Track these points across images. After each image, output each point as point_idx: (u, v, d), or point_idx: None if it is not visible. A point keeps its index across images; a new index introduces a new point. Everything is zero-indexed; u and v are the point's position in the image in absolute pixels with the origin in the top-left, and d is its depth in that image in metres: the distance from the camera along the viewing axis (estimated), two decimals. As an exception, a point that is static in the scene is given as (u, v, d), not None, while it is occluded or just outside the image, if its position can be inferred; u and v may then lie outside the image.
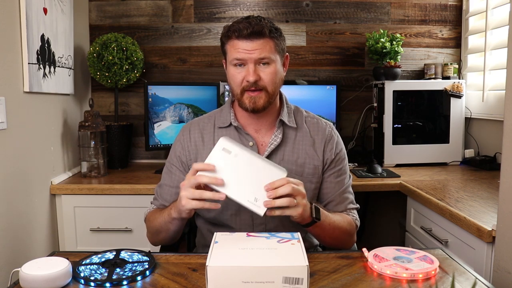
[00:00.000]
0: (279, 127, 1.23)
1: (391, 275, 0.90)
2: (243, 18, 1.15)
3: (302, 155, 1.22)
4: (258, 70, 1.14)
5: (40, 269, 0.85)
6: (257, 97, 1.15)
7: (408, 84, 2.19)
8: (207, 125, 1.27)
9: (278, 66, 1.17)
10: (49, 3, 1.77)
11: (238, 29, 1.11)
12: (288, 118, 1.24)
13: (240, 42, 1.12)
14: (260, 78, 1.14)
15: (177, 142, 1.28)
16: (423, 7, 2.38)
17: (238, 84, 1.16)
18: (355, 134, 2.38)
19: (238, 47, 1.13)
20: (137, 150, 2.40)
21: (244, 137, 1.22)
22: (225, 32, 1.16)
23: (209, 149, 1.21)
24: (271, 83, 1.15)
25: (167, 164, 1.29)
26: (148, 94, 2.06)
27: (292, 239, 0.85)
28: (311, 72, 2.39)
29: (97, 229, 1.83)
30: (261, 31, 1.11)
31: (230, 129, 1.24)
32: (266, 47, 1.13)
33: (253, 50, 1.12)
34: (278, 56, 1.17)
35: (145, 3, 2.33)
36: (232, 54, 1.14)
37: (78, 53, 2.13)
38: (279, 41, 1.16)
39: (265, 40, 1.12)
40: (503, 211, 1.10)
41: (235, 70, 1.15)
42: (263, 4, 2.35)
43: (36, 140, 1.70)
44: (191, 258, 1.01)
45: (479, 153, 2.19)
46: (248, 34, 1.11)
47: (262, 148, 1.22)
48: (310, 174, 1.22)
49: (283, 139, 1.22)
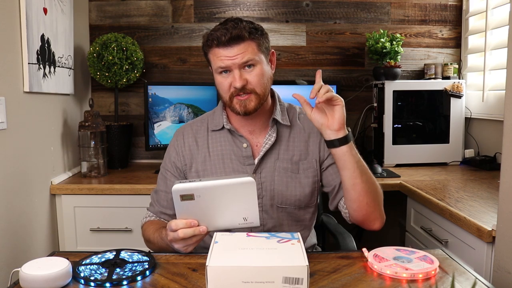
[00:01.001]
0: (273, 126, 1.22)
1: (391, 275, 0.90)
2: (221, 23, 1.13)
3: (297, 153, 1.22)
4: (244, 74, 1.12)
5: (40, 269, 0.85)
6: (247, 101, 1.13)
7: (408, 84, 2.19)
8: (200, 129, 1.26)
9: (264, 66, 1.15)
10: (49, 3, 1.77)
11: (216, 37, 1.10)
12: (281, 117, 1.23)
13: (221, 50, 1.11)
14: (247, 81, 1.12)
15: (171, 147, 1.27)
16: (423, 7, 2.38)
17: (225, 91, 1.14)
18: (355, 134, 2.38)
19: (220, 55, 1.11)
20: (137, 150, 2.40)
21: (238, 139, 1.21)
22: (205, 42, 1.15)
23: (203, 153, 1.22)
24: (259, 85, 1.13)
25: (162, 170, 1.28)
26: (148, 94, 2.06)
27: (292, 239, 0.85)
28: (311, 72, 2.39)
29: (97, 229, 1.83)
30: (239, 35, 1.09)
31: (224, 132, 1.23)
32: (248, 49, 1.10)
33: (235, 56, 1.10)
34: (263, 56, 1.15)
35: (145, 3, 2.33)
36: (215, 62, 1.13)
37: (78, 53, 2.13)
38: (261, 41, 1.14)
39: (246, 43, 1.10)
40: (503, 211, 1.10)
41: (221, 77, 1.14)
42: (263, 4, 2.35)
43: (36, 140, 1.70)
44: (191, 258, 1.01)
45: (479, 153, 2.19)
46: (227, 40, 1.09)
47: (256, 149, 1.22)
48: (305, 169, 1.22)
49: (277, 137, 1.21)
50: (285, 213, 1.21)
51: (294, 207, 1.21)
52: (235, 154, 1.20)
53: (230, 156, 1.20)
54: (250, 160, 1.20)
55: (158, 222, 1.22)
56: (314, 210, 1.26)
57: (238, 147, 1.21)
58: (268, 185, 1.19)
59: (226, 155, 1.21)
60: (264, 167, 1.20)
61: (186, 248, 1.00)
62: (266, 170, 1.20)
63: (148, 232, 1.18)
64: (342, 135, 1.08)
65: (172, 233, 0.97)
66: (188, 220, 0.96)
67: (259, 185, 1.19)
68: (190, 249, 1.01)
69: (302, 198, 1.21)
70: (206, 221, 0.96)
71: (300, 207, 1.22)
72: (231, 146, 1.21)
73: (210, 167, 1.21)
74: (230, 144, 1.21)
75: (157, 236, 1.12)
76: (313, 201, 1.23)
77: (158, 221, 1.24)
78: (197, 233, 0.96)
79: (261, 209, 1.19)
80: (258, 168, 1.19)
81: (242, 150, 1.20)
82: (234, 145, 1.21)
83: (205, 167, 1.21)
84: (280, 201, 1.19)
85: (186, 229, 0.96)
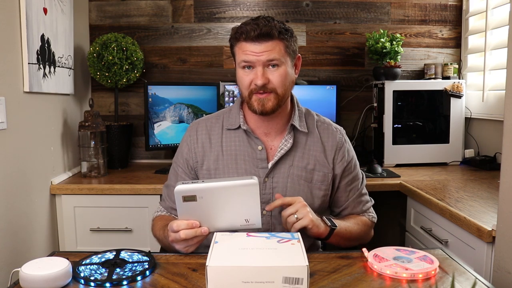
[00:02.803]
0: (290, 132, 1.20)
1: (391, 275, 0.90)
2: (252, 19, 1.12)
3: (312, 161, 1.20)
4: (266, 72, 1.11)
5: (40, 269, 0.85)
6: (266, 99, 1.12)
7: (408, 84, 2.19)
8: (215, 126, 1.24)
9: (288, 68, 1.14)
10: (49, 3, 1.77)
11: (245, 31, 1.09)
12: (299, 123, 1.21)
13: (248, 44, 1.10)
14: (269, 81, 1.11)
15: (184, 143, 1.25)
16: (423, 7, 2.38)
17: (246, 87, 1.13)
18: (355, 134, 2.38)
19: (246, 50, 1.10)
20: (137, 150, 2.40)
21: (253, 141, 1.20)
22: (233, 34, 1.14)
23: (216, 151, 1.20)
24: (280, 86, 1.12)
25: (174, 164, 1.27)
26: (148, 94, 2.06)
27: (292, 239, 0.85)
28: (311, 72, 2.39)
29: (97, 229, 1.83)
30: (269, 33, 1.09)
31: (239, 131, 1.21)
32: (275, 49, 1.10)
33: (261, 53, 1.09)
34: (289, 58, 1.14)
35: (145, 3, 2.33)
36: (240, 56, 1.12)
37: (78, 53, 2.13)
38: (289, 43, 1.13)
39: (274, 42, 1.10)
40: (503, 211, 1.10)
41: (243, 72, 1.13)
42: (263, 4, 2.35)
43: (36, 140, 1.70)
44: (191, 258, 1.01)
45: (479, 153, 2.18)
46: (256, 36, 1.08)
47: (271, 152, 1.20)
48: (319, 181, 1.21)
49: (294, 143, 1.20)
50: None
51: None
52: (249, 155, 1.19)
53: (244, 157, 1.19)
54: (263, 164, 1.18)
55: (167, 218, 1.21)
56: None
57: (253, 149, 1.19)
58: (279, 191, 1.17)
59: (240, 156, 1.19)
60: (277, 172, 1.18)
61: (187, 249, 1.00)
62: (279, 175, 1.18)
63: (155, 229, 1.18)
64: (325, 235, 1.11)
65: (174, 234, 0.97)
66: (190, 221, 0.96)
67: (270, 189, 1.18)
68: (191, 249, 1.01)
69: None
70: (208, 222, 0.96)
71: None
72: (246, 147, 1.19)
73: (222, 166, 1.19)
74: (244, 145, 1.20)
75: (161, 233, 1.12)
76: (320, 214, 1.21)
77: (167, 216, 1.23)
78: (199, 234, 0.96)
79: (270, 214, 1.18)
80: (271, 172, 1.18)
81: (256, 152, 1.19)
82: (249, 146, 1.19)
83: (217, 165, 1.20)
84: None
85: (187, 230, 0.95)
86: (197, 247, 1.01)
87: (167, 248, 1.12)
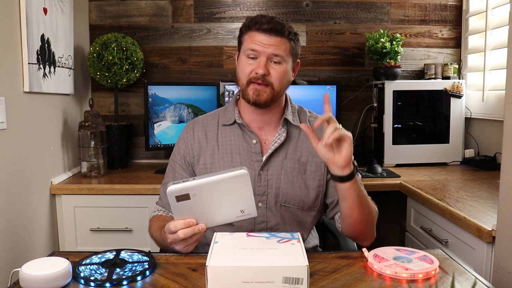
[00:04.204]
0: (284, 126, 1.24)
1: (391, 275, 0.90)
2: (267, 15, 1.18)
3: (305, 154, 1.23)
4: (268, 65, 1.15)
5: (40, 269, 0.85)
6: (262, 91, 1.16)
7: (408, 84, 2.19)
8: (211, 123, 1.27)
9: (288, 68, 1.19)
10: (49, 3, 1.77)
11: (260, 21, 1.14)
12: (292, 117, 1.25)
13: (259, 34, 1.14)
14: (269, 73, 1.15)
15: (181, 140, 1.28)
16: (423, 7, 2.38)
17: (246, 75, 1.17)
18: (355, 134, 2.38)
19: (255, 39, 1.15)
20: (137, 150, 2.40)
21: (248, 135, 1.23)
22: (246, 23, 1.18)
23: (212, 146, 1.23)
24: (278, 81, 1.16)
25: (171, 162, 1.29)
26: (148, 94, 2.06)
27: (292, 239, 0.85)
28: (311, 72, 2.39)
29: (97, 229, 1.83)
30: (281, 30, 1.14)
31: (234, 127, 1.24)
32: (282, 46, 1.15)
33: (269, 45, 1.14)
34: (291, 59, 1.19)
35: (145, 3, 2.33)
36: (248, 44, 1.16)
37: (78, 53, 2.13)
38: (295, 45, 1.19)
39: (282, 39, 1.15)
40: (503, 211, 1.10)
41: (246, 61, 1.17)
42: (263, 4, 2.35)
43: (36, 140, 1.70)
44: (191, 258, 1.01)
45: (479, 153, 2.19)
46: (268, 28, 1.13)
47: (265, 146, 1.23)
48: (312, 172, 1.23)
49: (287, 137, 1.23)
50: (288, 212, 1.22)
51: (297, 208, 1.22)
52: (244, 149, 1.22)
53: (239, 151, 1.22)
54: (258, 157, 1.21)
55: (163, 219, 1.21)
56: (316, 214, 1.26)
57: (247, 143, 1.22)
58: (273, 183, 1.20)
59: (235, 150, 1.22)
60: (271, 165, 1.21)
61: (187, 248, 1.00)
62: (273, 168, 1.21)
63: (152, 229, 1.19)
64: (347, 172, 1.05)
65: (172, 235, 0.97)
66: (186, 220, 0.96)
67: (264, 181, 1.20)
68: (191, 248, 1.01)
69: (305, 200, 1.21)
70: (204, 218, 0.96)
71: (303, 208, 1.22)
72: (241, 141, 1.23)
73: (218, 161, 1.22)
74: (239, 139, 1.23)
75: (158, 234, 1.13)
76: (316, 205, 1.24)
77: (164, 216, 1.23)
78: (197, 231, 0.96)
79: (265, 206, 1.20)
80: (266, 165, 1.21)
81: (251, 146, 1.22)
82: (244, 141, 1.22)
83: (213, 160, 1.22)
84: (284, 199, 1.20)
85: (185, 229, 0.95)
86: (196, 245, 1.01)
87: (165, 248, 1.12)
